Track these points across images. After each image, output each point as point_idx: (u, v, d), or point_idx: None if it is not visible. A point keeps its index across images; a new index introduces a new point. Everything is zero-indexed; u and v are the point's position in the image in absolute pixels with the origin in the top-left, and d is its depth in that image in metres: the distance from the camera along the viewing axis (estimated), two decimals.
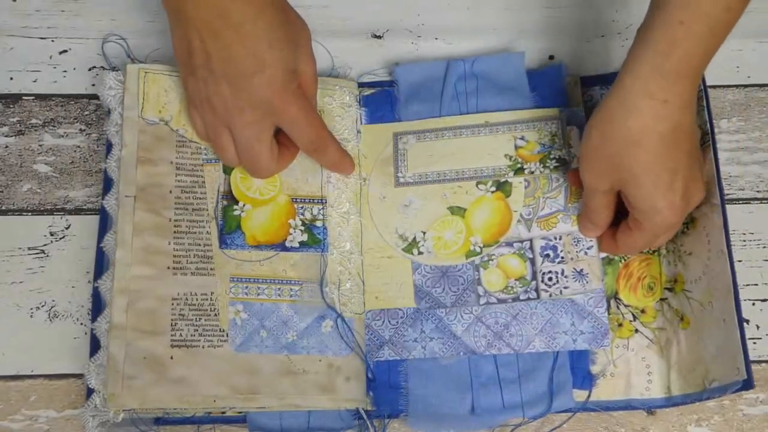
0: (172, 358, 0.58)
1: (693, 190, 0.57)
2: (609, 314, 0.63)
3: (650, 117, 0.54)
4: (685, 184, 0.56)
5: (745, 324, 0.64)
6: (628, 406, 0.62)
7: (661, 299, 0.64)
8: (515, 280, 0.63)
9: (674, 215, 0.57)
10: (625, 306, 0.64)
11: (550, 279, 0.62)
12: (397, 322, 0.63)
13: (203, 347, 0.59)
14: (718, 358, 0.57)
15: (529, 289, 0.62)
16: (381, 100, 0.68)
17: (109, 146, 0.64)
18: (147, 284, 0.60)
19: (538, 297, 0.62)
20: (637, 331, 0.63)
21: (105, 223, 0.62)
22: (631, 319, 0.63)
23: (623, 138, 0.55)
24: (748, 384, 0.54)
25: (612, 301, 0.64)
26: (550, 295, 0.62)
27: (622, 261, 0.64)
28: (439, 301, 0.63)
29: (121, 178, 0.62)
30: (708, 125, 0.61)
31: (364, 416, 0.60)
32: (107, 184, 0.63)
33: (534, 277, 0.63)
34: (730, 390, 0.55)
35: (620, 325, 0.63)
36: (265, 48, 0.56)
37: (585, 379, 0.61)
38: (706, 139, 0.60)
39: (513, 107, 0.67)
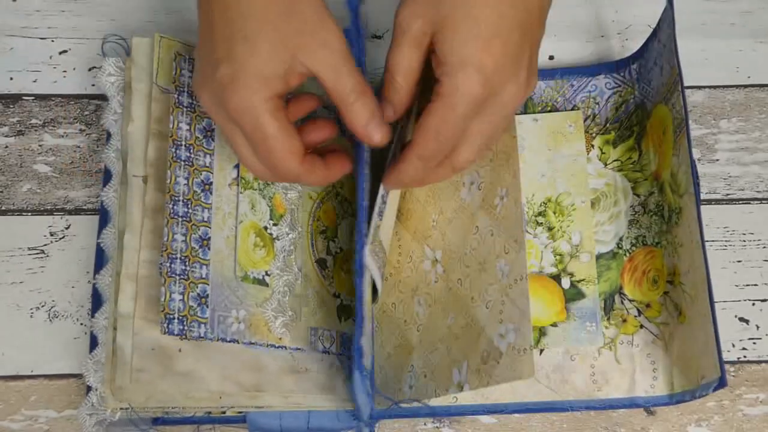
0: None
1: (533, 67, 0.47)
2: (613, 310, 0.63)
3: None
4: (530, 50, 0.46)
5: (745, 324, 0.64)
6: (631, 404, 0.61)
7: (664, 293, 0.63)
8: None
9: (482, 81, 0.44)
10: (630, 301, 0.63)
11: None
12: None
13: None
14: (705, 354, 0.56)
15: None
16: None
17: (108, 138, 0.63)
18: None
19: None
20: (642, 326, 0.63)
21: (105, 220, 0.61)
22: (636, 314, 0.63)
23: None
24: (721, 382, 0.53)
25: (616, 297, 0.63)
26: None
27: (627, 255, 0.64)
28: None
29: (129, 157, 0.59)
30: (683, 111, 0.59)
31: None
32: (107, 177, 0.62)
33: None
34: (710, 388, 0.55)
35: (624, 320, 0.63)
36: (239, 39, 0.47)
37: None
38: (682, 126, 0.59)
39: None
